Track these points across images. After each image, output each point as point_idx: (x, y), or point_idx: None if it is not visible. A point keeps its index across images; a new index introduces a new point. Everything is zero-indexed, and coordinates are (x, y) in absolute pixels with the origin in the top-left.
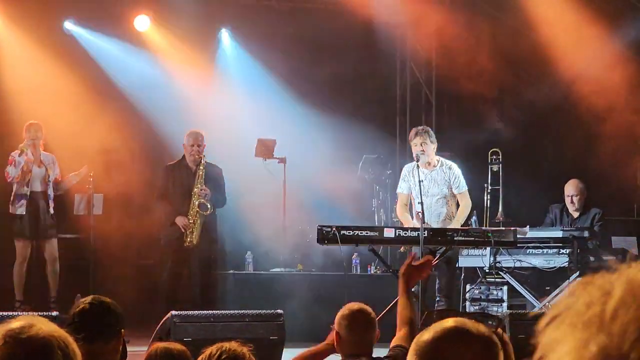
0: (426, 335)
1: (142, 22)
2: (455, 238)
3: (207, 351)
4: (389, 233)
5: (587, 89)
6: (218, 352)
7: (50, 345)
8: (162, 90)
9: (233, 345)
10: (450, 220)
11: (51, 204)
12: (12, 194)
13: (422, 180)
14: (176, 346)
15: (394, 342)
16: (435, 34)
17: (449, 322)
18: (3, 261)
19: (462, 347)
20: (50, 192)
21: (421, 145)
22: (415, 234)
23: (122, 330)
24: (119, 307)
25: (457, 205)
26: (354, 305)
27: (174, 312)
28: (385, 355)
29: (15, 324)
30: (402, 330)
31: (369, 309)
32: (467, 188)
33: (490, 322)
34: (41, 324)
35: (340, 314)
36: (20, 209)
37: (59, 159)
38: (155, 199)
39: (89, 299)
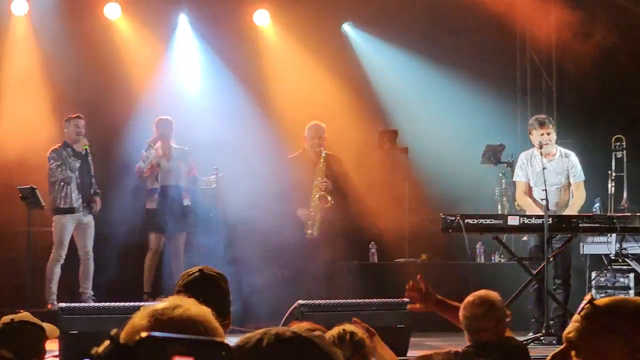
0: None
1: (262, 17)
2: (580, 225)
3: (332, 331)
4: (513, 221)
5: None
6: (347, 335)
7: (188, 329)
8: (284, 83)
9: (354, 328)
10: (565, 208)
11: (185, 196)
12: (147, 189)
13: (545, 168)
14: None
15: None
16: (555, 19)
17: None
18: (140, 254)
19: None
20: (183, 185)
21: (547, 135)
22: (539, 221)
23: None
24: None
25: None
26: (477, 293)
27: (301, 302)
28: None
29: (160, 305)
30: None
31: (491, 297)
32: (584, 179)
33: None
34: (189, 306)
35: (464, 301)
36: (152, 203)
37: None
38: (277, 190)
39: (195, 269)
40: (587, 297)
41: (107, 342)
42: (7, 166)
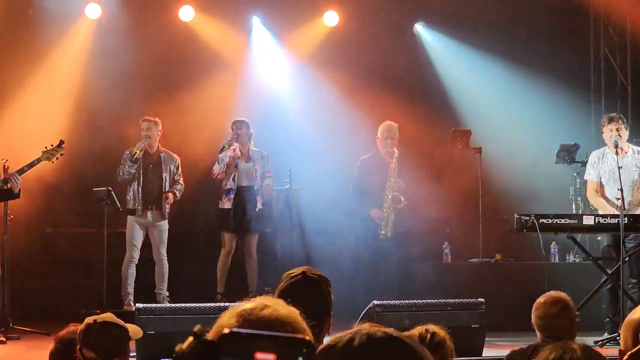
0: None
1: (332, 17)
2: None
3: (414, 331)
4: (588, 220)
5: None
6: (428, 335)
7: (276, 329)
8: (355, 83)
9: (435, 328)
10: (638, 206)
11: (259, 199)
12: (221, 189)
13: (621, 167)
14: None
15: None
16: (629, 17)
17: None
18: (209, 254)
19: None
20: (258, 187)
21: (617, 130)
22: (615, 221)
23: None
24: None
25: None
26: (548, 293)
27: (375, 302)
28: None
29: (249, 305)
30: None
31: (562, 297)
32: None
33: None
34: (277, 306)
35: (535, 303)
36: (227, 203)
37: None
38: (350, 192)
39: (298, 270)
40: None
41: (190, 339)
42: (84, 168)
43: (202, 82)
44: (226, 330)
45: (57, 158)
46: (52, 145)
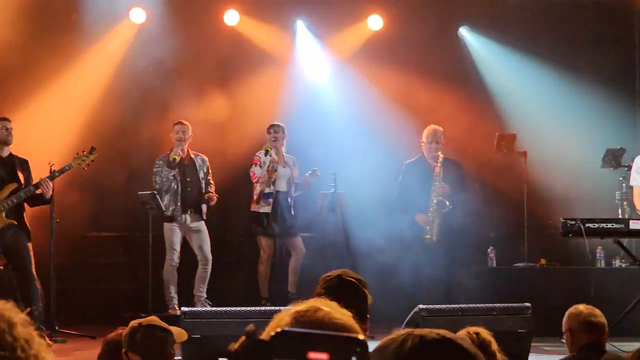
0: None
1: (376, 22)
2: None
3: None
4: (635, 225)
5: None
6: (473, 336)
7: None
8: (399, 88)
9: (478, 329)
10: None
11: (291, 204)
12: (257, 192)
13: None
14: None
15: None
16: None
17: None
18: (248, 259)
19: None
20: (292, 192)
21: None
22: None
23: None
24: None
25: None
26: (582, 305)
27: (421, 306)
28: None
29: (303, 307)
30: None
31: (598, 312)
32: None
33: None
34: (331, 309)
35: (576, 312)
36: (266, 207)
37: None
38: (395, 195)
39: (335, 273)
40: None
41: (243, 338)
42: (129, 171)
43: (247, 85)
44: (278, 329)
45: (89, 164)
46: (84, 152)
